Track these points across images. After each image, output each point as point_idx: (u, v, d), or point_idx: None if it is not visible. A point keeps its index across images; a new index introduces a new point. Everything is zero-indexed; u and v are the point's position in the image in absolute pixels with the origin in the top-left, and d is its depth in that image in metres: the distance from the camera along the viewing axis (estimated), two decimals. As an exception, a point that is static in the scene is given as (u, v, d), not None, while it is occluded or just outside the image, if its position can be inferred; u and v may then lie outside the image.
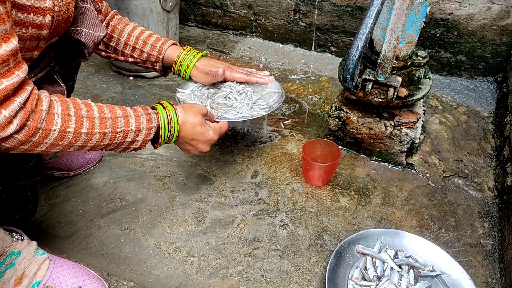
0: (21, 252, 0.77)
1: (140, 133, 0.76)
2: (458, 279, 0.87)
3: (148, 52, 1.01)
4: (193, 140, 0.87)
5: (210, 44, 1.80)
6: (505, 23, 1.36)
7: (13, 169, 0.73)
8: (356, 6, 1.53)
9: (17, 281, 0.75)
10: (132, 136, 0.75)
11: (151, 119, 0.78)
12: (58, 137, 0.63)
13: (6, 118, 0.55)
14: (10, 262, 0.75)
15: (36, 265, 0.78)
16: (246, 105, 1.03)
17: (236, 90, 1.07)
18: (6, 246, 0.76)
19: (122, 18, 1.02)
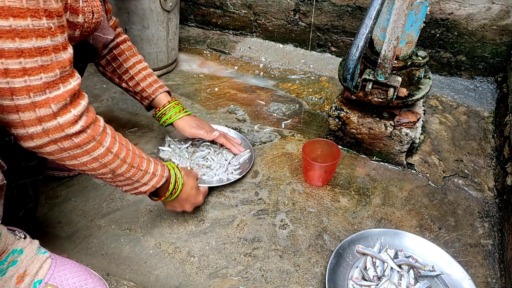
0: (24, 250, 0.77)
1: (153, 178, 0.85)
2: (458, 279, 0.87)
3: (144, 87, 1.10)
4: (186, 200, 0.96)
5: (210, 44, 1.80)
6: (505, 23, 1.36)
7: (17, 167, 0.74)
8: (356, 6, 1.53)
9: (19, 279, 0.75)
10: (147, 178, 0.84)
11: (165, 170, 0.88)
12: (102, 154, 0.72)
13: (75, 117, 0.64)
14: (13, 259, 0.75)
15: (38, 264, 0.78)
16: (222, 165, 1.14)
17: (213, 150, 1.18)
18: (9, 244, 0.76)
19: (132, 46, 1.10)
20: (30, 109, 0.61)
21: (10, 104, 0.59)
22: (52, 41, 0.60)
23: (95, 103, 1.46)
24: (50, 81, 0.61)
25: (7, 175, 0.69)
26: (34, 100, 0.60)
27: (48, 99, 0.61)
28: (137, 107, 1.44)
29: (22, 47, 0.56)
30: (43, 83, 0.60)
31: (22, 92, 0.59)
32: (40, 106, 0.61)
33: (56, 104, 0.62)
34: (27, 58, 0.58)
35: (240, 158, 1.18)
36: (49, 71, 0.61)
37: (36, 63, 0.59)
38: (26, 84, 0.59)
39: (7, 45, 0.55)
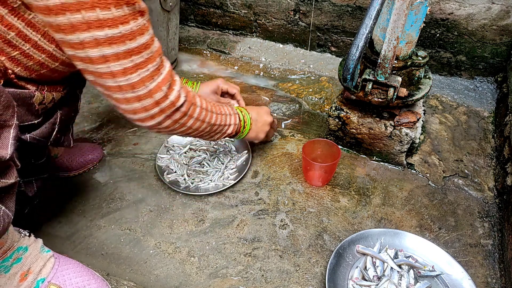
0: (28, 248, 0.78)
1: (231, 117, 0.99)
2: (458, 279, 0.87)
3: None
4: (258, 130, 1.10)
5: (210, 44, 1.80)
6: (505, 23, 1.36)
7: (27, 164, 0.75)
8: (356, 6, 1.53)
9: (22, 277, 0.75)
10: (229, 119, 0.98)
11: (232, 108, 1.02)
12: (199, 112, 0.86)
13: (178, 92, 0.78)
14: (17, 257, 0.76)
15: (42, 262, 0.78)
16: (218, 170, 1.16)
17: (209, 155, 1.20)
18: (14, 241, 0.76)
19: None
20: (148, 96, 0.73)
21: (132, 96, 0.72)
22: (149, 35, 0.69)
23: (95, 103, 1.46)
24: (155, 69, 0.72)
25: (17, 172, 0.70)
26: (150, 88, 0.72)
27: (158, 84, 0.73)
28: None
29: (132, 47, 0.66)
30: (150, 72, 0.71)
31: (139, 84, 0.70)
32: (154, 92, 0.73)
33: (165, 85, 0.74)
34: (136, 55, 0.67)
35: (237, 160, 1.18)
36: (153, 61, 0.71)
37: (143, 58, 0.69)
38: (140, 77, 0.70)
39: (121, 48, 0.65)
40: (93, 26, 0.61)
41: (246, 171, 1.15)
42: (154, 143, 1.28)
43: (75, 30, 0.61)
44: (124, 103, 0.73)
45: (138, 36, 0.67)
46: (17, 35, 0.66)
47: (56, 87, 0.82)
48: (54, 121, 0.82)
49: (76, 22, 0.60)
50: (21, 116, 0.72)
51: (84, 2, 0.58)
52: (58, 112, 0.84)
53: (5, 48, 0.67)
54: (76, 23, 0.60)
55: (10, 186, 0.65)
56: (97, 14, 0.60)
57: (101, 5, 0.60)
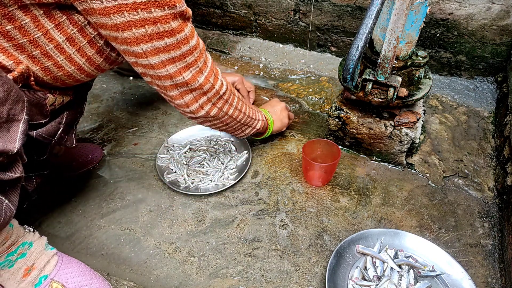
0: (33, 243, 0.79)
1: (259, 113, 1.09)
2: (458, 279, 0.87)
3: None
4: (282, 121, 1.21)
5: (210, 44, 1.80)
6: (505, 23, 1.36)
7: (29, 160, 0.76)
8: (356, 6, 1.53)
9: (26, 272, 0.76)
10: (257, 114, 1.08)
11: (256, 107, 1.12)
12: (236, 101, 0.96)
13: (221, 81, 0.89)
14: (22, 251, 0.76)
15: (46, 258, 0.79)
16: (218, 170, 1.16)
17: (209, 155, 1.21)
18: (19, 236, 0.77)
19: None
20: (198, 89, 0.84)
21: (186, 89, 0.83)
22: (196, 36, 0.80)
23: (95, 103, 1.46)
24: (203, 64, 0.83)
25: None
26: (200, 82, 0.83)
27: (206, 76, 0.84)
28: (137, 107, 1.44)
29: (185, 50, 0.77)
30: (199, 68, 0.82)
31: (192, 80, 0.81)
32: (204, 84, 0.84)
33: (211, 77, 0.85)
34: (188, 56, 0.78)
35: (237, 160, 1.18)
36: (201, 58, 0.82)
37: (194, 57, 0.79)
38: (192, 73, 0.81)
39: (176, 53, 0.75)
40: (155, 38, 0.71)
41: (246, 171, 1.15)
42: (154, 143, 1.28)
43: (139, 42, 0.71)
44: (179, 98, 0.84)
45: (191, 39, 0.77)
46: (56, 47, 0.70)
47: (67, 92, 0.85)
48: (60, 120, 0.85)
49: (140, 35, 0.69)
50: (32, 115, 0.73)
51: (147, 18, 0.67)
52: (65, 112, 0.87)
53: (42, 59, 0.71)
54: (140, 36, 0.69)
55: (15, 180, 0.66)
56: (158, 28, 0.70)
57: (162, 20, 0.69)
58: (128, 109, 1.43)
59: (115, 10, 0.65)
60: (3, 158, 0.62)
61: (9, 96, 0.62)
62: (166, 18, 0.69)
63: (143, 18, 0.67)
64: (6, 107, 0.62)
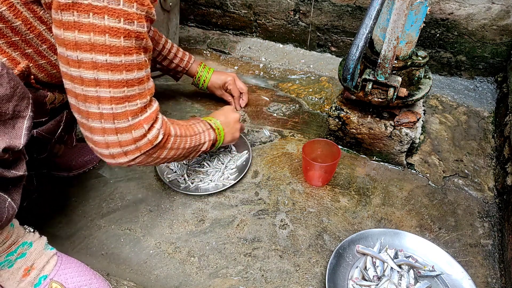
0: (33, 243, 0.79)
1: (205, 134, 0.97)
2: (458, 279, 0.87)
3: (177, 63, 1.27)
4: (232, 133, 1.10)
5: (210, 44, 1.80)
6: (505, 23, 1.36)
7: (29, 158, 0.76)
8: (356, 6, 1.53)
9: (25, 272, 0.76)
10: (203, 137, 0.96)
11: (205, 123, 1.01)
12: (173, 141, 0.84)
13: (158, 130, 0.77)
14: (22, 251, 0.76)
15: (45, 259, 0.79)
16: (218, 170, 1.15)
17: (209, 155, 1.20)
18: (20, 236, 0.77)
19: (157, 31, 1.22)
20: (127, 131, 0.72)
21: (111, 127, 0.70)
22: (145, 72, 0.71)
23: (95, 103, 1.46)
24: (143, 106, 0.72)
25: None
26: (131, 123, 0.71)
27: (140, 121, 0.73)
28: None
29: (127, 78, 0.67)
30: (138, 108, 0.71)
31: (122, 116, 0.70)
32: (135, 128, 0.72)
33: (147, 124, 0.74)
34: (129, 88, 0.68)
35: (237, 160, 1.18)
36: (143, 98, 0.72)
37: (134, 92, 0.70)
38: (125, 109, 0.69)
39: (116, 77, 0.66)
40: (96, 49, 0.63)
41: (246, 171, 1.15)
42: (154, 143, 1.28)
43: (77, 48, 0.63)
44: (100, 133, 0.71)
45: (137, 70, 0.68)
46: (49, 48, 0.70)
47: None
48: (60, 119, 0.85)
49: (81, 41, 0.62)
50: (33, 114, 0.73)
51: (97, 25, 0.61)
52: (65, 111, 0.87)
53: (35, 57, 0.70)
54: (80, 42, 0.62)
55: (18, 178, 0.66)
56: (105, 39, 0.62)
57: (112, 32, 0.62)
58: (128, 109, 1.43)
59: (66, 7, 0.60)
60: (8, 155, 0.62)
61: (15, 92, 0.62)
62: (118, 32, 0.62)
63: (92, 23, 0.60)
64: (12, 103, 0.62)
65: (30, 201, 0.93)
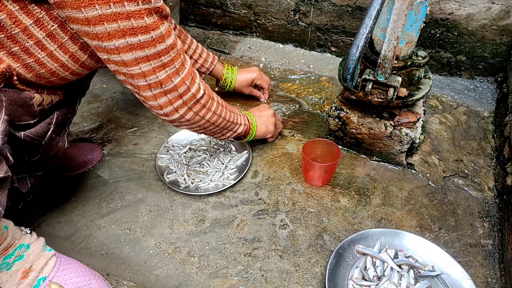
0: (30, 245, 0.78)
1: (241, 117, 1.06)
2: (458, 279, 0.87)
3: (201, 64, 1.28)
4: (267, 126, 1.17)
5: (210, 44, 1.80)
6: (505, 23, 1.36)
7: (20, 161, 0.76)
8: (356, 6, 1.53)
9: (24, 274, 0.75)
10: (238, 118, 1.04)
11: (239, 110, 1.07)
12: (216, 107, 0.93)
13: (199, 85, 0.86)
14: (19, 254, 0.76)
15: (44, 260, 0.78)
16: (218, 170, 1.16)
17: (209, 155, 1.21)
18: (16, 238, 0.77)
19: (183, 30, 1.23)
20: (174, 90, 0.80)
21: (160, 91, 0.78)
22: (174, 36, 0.76)
23: (95, 103, 1.46)
24: (180, 65, 0.79)
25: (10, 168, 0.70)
26: (175, 83, 0.79)
27: (182, 78, 0.80)
28: (137, 107, 1.43)
29: (161, 49, 0.73)
30: (176, 69, 0.78)
31: (167, 80, 0.78)
32: (179, 85, 0.80)
33: (187, 80, 0.81)
34: (165, 55, 0.75)
35: (237, 160, 1.18)
36: (178, 58, 0.78)
37: (170, 57, 0.76)
38: (167, 73, 0.77)
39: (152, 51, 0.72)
40: (128, 33, 0.67)
41: (246, 171, 1.15)
42: (154, 143, 1.28)
43: (112, 38, 0.67)
44: (152, 99, 0.80)
45: (167, 38, 0.73)
46: (36, 44, 0.69)
47: (56, 91, 0.83)
48: (50, 121, 0.83)
49: (113, 30, 0.66)
50: (19, 116, 0.72)
51: (119, 13, 0.65)
52: (55, 113, 0.84)
53: (22, 56, 0.69)
54: (112, 31, 0.66)
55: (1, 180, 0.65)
56: (132, 23, 0.66)
57: (136, 15, 0.66)
58: (128, 109, 1.43)
59: (86, 3, 0.62)
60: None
61: None
62: (140, 13, 0.67)
63: (115, 13, 0.64)
64: None
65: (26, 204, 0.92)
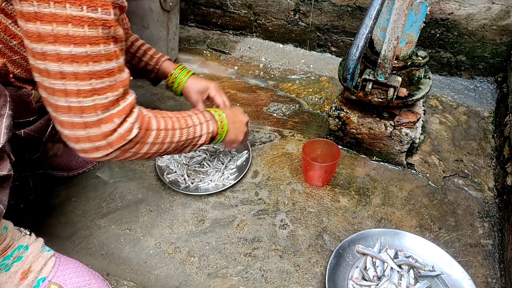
0: (29, 246, 0.78)
1: (203, 126, 0.90)
2: (458, 279, 0.87)
3: (146, 61, 1.13)
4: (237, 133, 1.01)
5: (210, 44, 1.80)
6: (505, 23, 1.36)
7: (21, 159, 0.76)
8: (356, 6, 1.53)
9: (23, 275, 0.75)
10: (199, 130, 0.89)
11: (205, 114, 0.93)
12: (155, 136, 0.78)
13: (131, 124, 0.71)
14: (18, 255, 0.76)
15: (42, 261, 0.78)
16: (218, 170, 1.15)
17: (209, 155, 1.19)
18: (15, 239, 0.76)
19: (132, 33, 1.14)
20: (96, 126, 0.67)
21: (79, 121, 0.66)
22: (116, 63, 0.66)
23: (95, 103, 1.46)
24: (114, 100, 0.67)
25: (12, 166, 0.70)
26: (100, 117, 0.67)
27: (111, 115, 0.68)
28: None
29: (94, 70, 0.63)
30: (109, 101, 0.67)
31: (91, 110, 0.65)
32: (105, 122, 0.67)
33: (118, 118, 0.69)
34: (98, 80, 0.64)
35: (237, 160, 1.18)
36: (115, 90, 0.67)
37: (103, 84, 0.65)
38: (94, 103, 0.65)
39: (82, 68, 0.62)
40: (60, 40, 0.59)
41: (246, 171, 1.15)
42: (154, 143, 1.28)
43: (41, 40, 0.59)
44: (69, 127, 0.68)
45: (105, 60, 0.64)
46: (19, 43, 0.69)
47: None
48: (48, 117, 0.83)
49: (44, 32, 0.58)
50: (18, 113, 0.72)
51: (58, 15, 0.57)
52: None
53: (7, 52, 0.69)
54: (43, 33, 0.59)
55: (3, 178, 0.65)
56: (68, 30, 0.59)
57: (75, 22, 0.58)
58: (128, 109, 1.43)
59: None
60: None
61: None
62: (80, 20, 0.59)
63: (53, 13, 0.57)
64: None
65: (27, 202, 0.92)
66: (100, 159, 0.72)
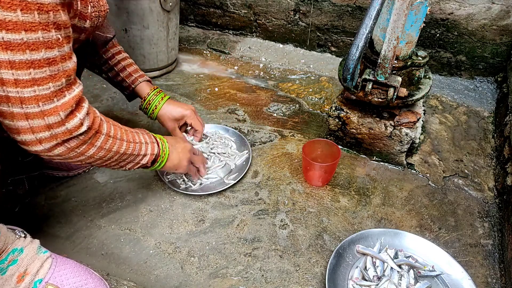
0: (24, 249, 0.78)
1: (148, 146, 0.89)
2: (458, 279, 0.87)
3: (123, 77, 1.11)
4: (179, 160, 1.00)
5: (210, 44, 1.81)
6: (505, 23, 1.36)
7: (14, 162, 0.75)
8: (356, 6, 1.53)
9: (19, 278, 0.75)
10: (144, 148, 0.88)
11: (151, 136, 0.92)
12: (104, 140, 0.76)
13: (80, 120, 0.69)
14: (13, 258, 0.75)
15: (38, 263, 0.78)
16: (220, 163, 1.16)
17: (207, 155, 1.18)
18: (9, 243, 0.76)
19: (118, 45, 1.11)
20: (39, 117, 0.64)
21: (20, 112, 0.62)
22: (59, 52, 0.63)
23: (95, 103, 1.46)
24: (57, 90, 0.64)
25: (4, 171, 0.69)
26: (43, 109, 0.63)
27: (57, 107, 0.65)
28: (137, 107, 1.43)
29: (32, 59, 0.59)
30: (51, 92, 0.63)
31: (31, 101, 0.62)
32: (49, 114, 0.64)
33: (64, 111, 0.66)
34: (37, 69, 0.60)
35: (237, 160, 1.18)
36: (57, 81, 0.64)
37: (45, 73, 0.62)
38: (35, 93, 0.62)
39: (18, 57, 0.58)
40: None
41: (246, 171, 1.15)
42: (154, 143, 1.28)
43: None
44: (9, 118, 0.64)
45: (44, 49, 0.60)
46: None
47: None
48: None
49: None
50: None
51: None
52: None
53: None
54: None
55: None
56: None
57: (4, 5, 0.53)
58: (128, 109, 1.43)
59: None
60: None
61: None
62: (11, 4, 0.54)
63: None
64: None
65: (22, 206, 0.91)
66: (41, 153, 0.69)
